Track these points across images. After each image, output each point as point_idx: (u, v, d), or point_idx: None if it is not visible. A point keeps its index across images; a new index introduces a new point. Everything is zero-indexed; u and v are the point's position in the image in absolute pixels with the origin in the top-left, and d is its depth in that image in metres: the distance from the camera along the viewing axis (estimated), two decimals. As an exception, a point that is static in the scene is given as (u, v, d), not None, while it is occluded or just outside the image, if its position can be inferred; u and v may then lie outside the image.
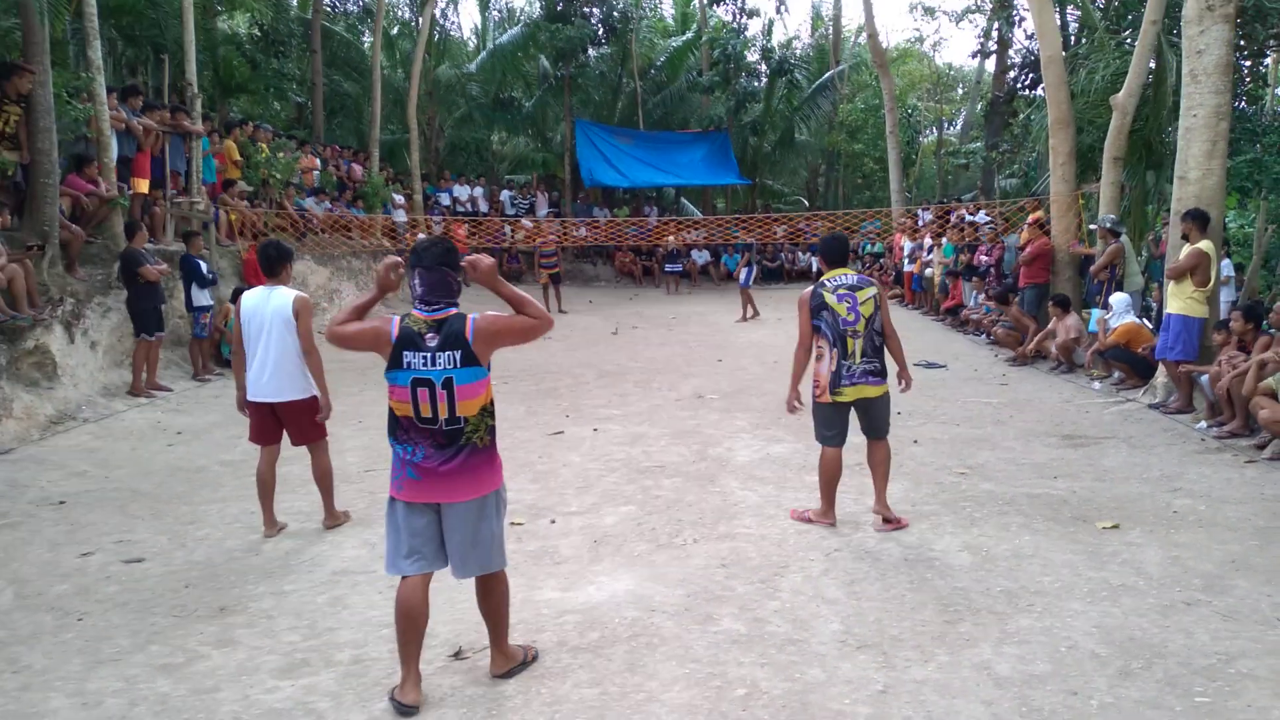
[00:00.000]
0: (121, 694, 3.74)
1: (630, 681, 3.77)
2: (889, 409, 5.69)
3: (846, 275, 5.51)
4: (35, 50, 9.25)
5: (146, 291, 9.86)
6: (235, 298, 11.84)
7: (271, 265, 5.66)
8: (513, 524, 5.77)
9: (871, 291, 5.49)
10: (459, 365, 3.51)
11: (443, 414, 3.52)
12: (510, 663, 3.86)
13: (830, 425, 5.60)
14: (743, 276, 18.22)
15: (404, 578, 3.65)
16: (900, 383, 5.80)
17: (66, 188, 10.01)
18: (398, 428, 3.61)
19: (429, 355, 3.49)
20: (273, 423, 5.68)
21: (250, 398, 5.63)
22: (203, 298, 10.86)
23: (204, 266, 10.97)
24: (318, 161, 18.57)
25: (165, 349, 10.63)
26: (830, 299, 5.43)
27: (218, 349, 11.57)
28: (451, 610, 4.49)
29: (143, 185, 11.53)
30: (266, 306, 5.55)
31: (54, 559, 5.30)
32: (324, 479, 5.77)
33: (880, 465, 5.66)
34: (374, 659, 4.01)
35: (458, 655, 4.01)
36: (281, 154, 16.10)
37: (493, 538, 3.69)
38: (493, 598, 3.79)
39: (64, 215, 9.74)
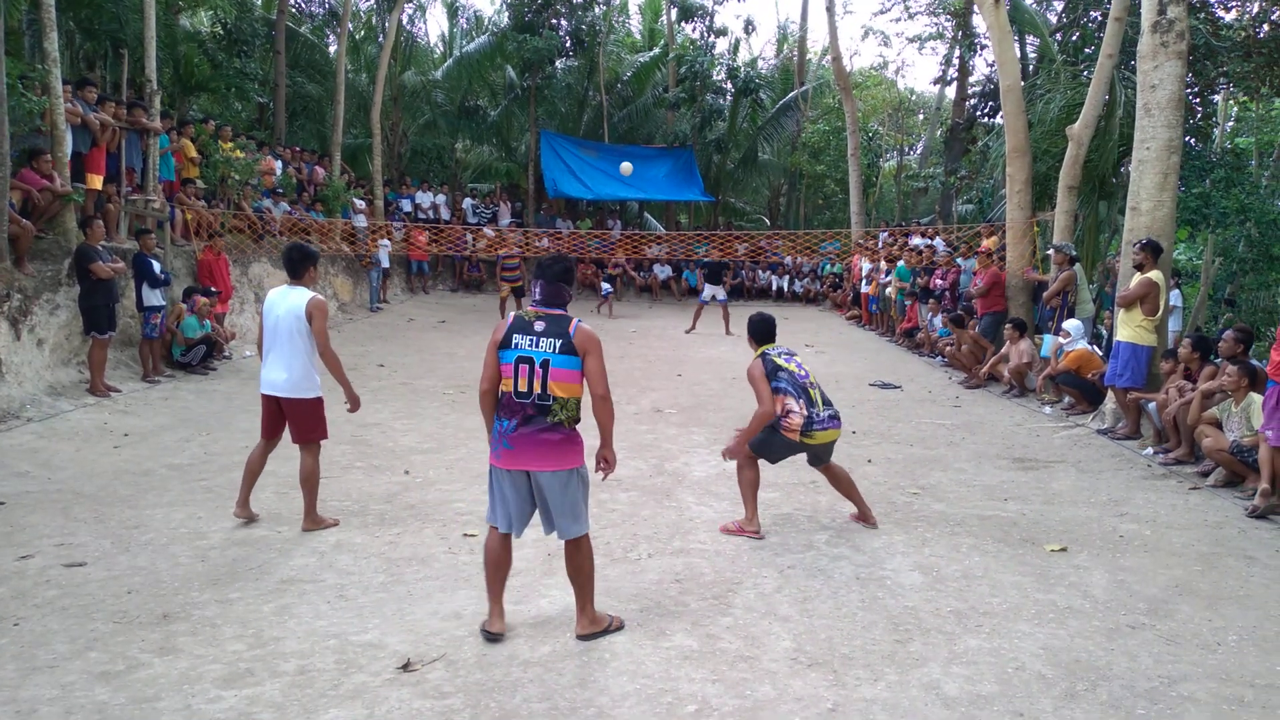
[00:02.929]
0: (57, 702, 3.63)
1: (581, 696, 3.74)
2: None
3: (779, 347, 5.95)
4: (-12, 40, 9.05)
5: (99, 289, 9.66)
6: (187, 297, 11.70)
7: (294, 266, 5.82)
8: (465, 535, 5.73)
9: (801, 356, 6.07)
10: (558, 352, 4.14)
11: (536, 389, 4.12)
12: (594, 626, 4.28)
13: (779, 452, 5.94)
14: (720, 295, 18.26)
15: (492, 528, 4.28)
16: None
17: (18, 181, 9.79)
18: (500, 404, 4.22)
19: (535, 339, 4.16)
20: (279, 417, 5.83)
21: (261, 390, 5.82)
22: (154, 297, 10.64)
23: (157, 266, 10.77)
24: (277, 164, 18.33)
25: (114, 349, 10.40)
26: (780, 361, 5.82)
27: (168, 350, 11.36)
28: (401, 621, 4.44)
29: (97, 181, 11.31)
30: (282, 305, 5.72)
31: (-10, 561, 5.15)
32: (308, 481, 5.82)
33: (846, 484, 6.03)
34: (320, 669, 3.94)
35: (406, 667, 3.95)
36: (242, 154, 15.87)
37: (573, 507, 4.20)
38: (574, 561, 4.27)
39: (14, 209, 9.52)
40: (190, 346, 11.43)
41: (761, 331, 5.97)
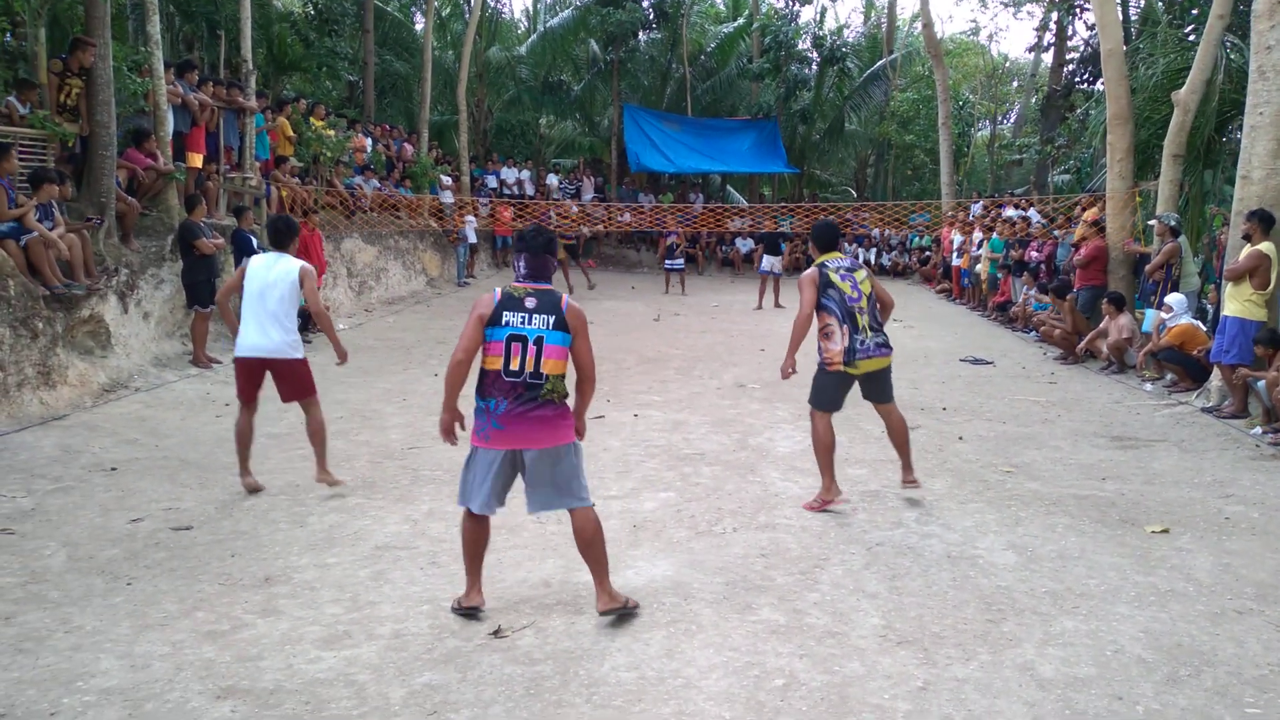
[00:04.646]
0: (168, 658, 3.81)
1: (668, 667, 3.77)
2: (891, 375, 5.93)
3: (841, 259, 5.81)
4: (96, 24, 9.40)
5: (201, 264, 10.03)
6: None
7: (279, 237, 6.19)
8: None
9: (864, 273, 5.85)
10: (551, 328, 4.05)
11: (528, 368, 4.02)
12: (613, 603, 4.17)
13: (833, 392, 5.82)
14: (777, 269, 18.29)
15: (468, 511, 4.19)
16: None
17: (124, 161, 10.18)
18: (484, 383, 4.09)
19: (527, 315, 4.04)
20: (258, 379, 6.07)
21: (239, 354, 6.03)
22: (253, 272, 10.99)
23: (255, 241, 11.09)
24: (367, 141, 18.71)
25: (215, 322, 10.78)
26: (835, 278, 5.68)
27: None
28: (491, 588, 4.51)
29: (197, 160, 11.70)
30: (271, 272, 5.98)
31: (105, 524, 5.41)
32: (317, 434, 6.11)
33: (900, 434, 5.95)
34: (414, 634, 4.04)
35: (497, 634, 4.03)
36: (334, 132, 16.24)
37: (571, 480, 4.13)
38: (583, 536, 4.16)
39: (121, 187, 9.91)
40: (286, 320, 11.76)
41: (823, 237, 5.86)
